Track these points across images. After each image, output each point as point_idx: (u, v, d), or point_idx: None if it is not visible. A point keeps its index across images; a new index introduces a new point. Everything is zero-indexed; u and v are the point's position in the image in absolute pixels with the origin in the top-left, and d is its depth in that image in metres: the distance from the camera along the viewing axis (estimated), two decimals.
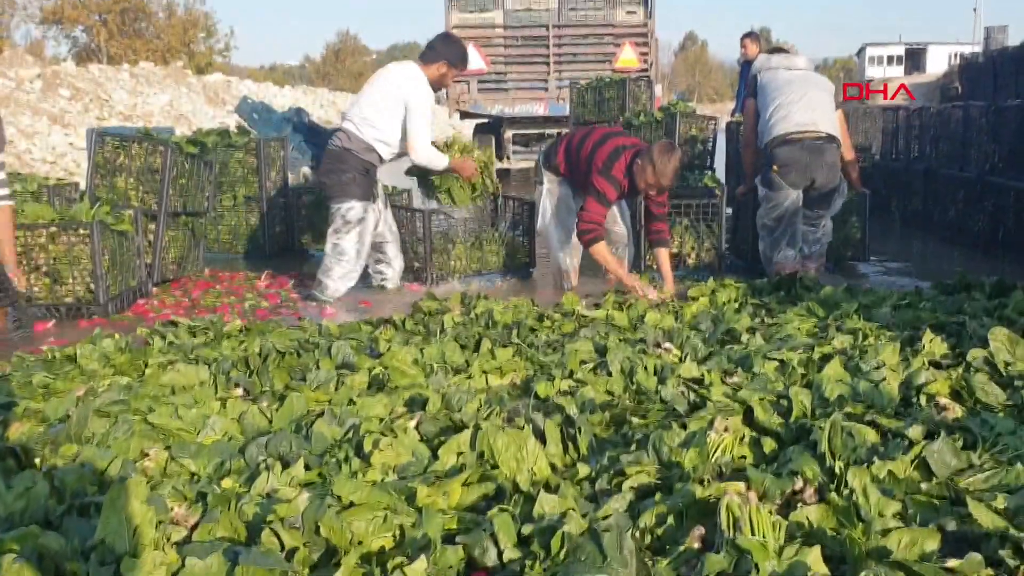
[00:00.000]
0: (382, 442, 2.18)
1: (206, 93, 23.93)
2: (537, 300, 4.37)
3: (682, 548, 1.61)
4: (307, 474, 2.08)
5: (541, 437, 2.22)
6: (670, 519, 1.72)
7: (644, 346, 3.26)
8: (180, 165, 5.46)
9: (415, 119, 4.79)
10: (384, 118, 4.80)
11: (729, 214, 5.72)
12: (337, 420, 2.44)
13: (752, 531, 1.57)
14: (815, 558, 1.52)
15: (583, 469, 2.07)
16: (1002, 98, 11.55)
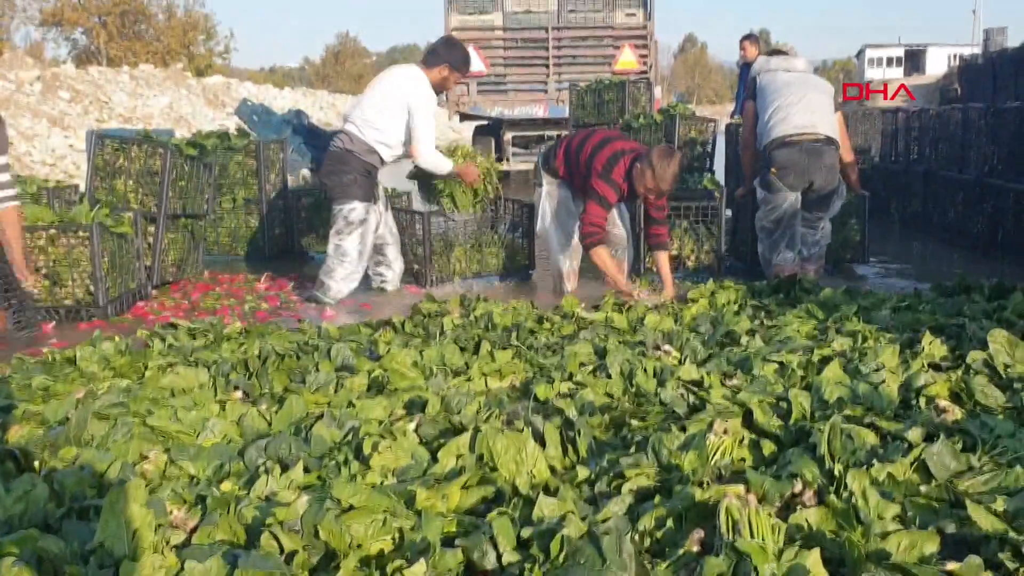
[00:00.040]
0: (381, 445, 2.18)
1: (206, 95, 23.98)
2: (537, 302, 4.37)
3: (681, 551, 1.61)
4: (306, 477, 2.07)
5: (540, 440, 2.22)
6: (669, 522, 1.72)
7: (643, 348, 3.26)
8: (180, 167, 5.47)
9: (419, 123, 4.80)
10: (386, 120, 4.81)
11: (728, 216, 5.71)
12: (336, 423, 2.44)
13: (751, 534, 1.57)
14: (814, 561, 1.51)
15: (582, 472, 2.07)
16: (1001, 99, 11.56)
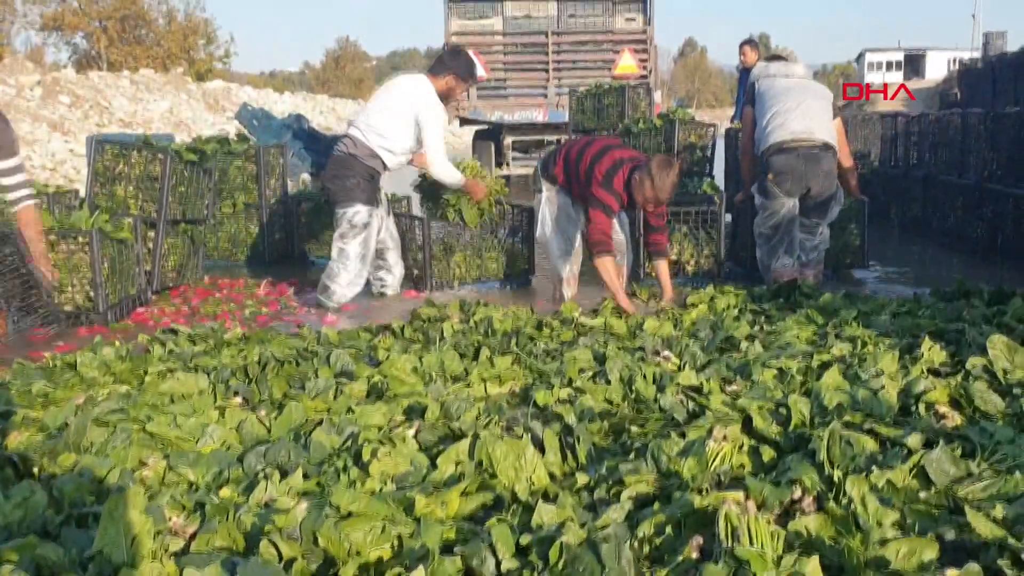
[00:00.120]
0: (380, 451, 2.18)
1: (206, 100, 24.02)
2: (536, 308, 4.37)
3: (680, 558, 1.60)
4: (305, 483, 2.07)
5: (540, 446, 2.22)
6: (668, 529, 1.72)
7: (643, 354, 3.26)
8: (179, 173, 5.47)
9: (430, 135, 4.86)
10: (391, 127, 4.84)
11: (728, 221, 5.72)
12: (336, 429, 2.44)
13: (750, 541, 1.56)
14: (813, 568, 1.51)
15: (582, 478, 2.07)
16: (1001, 103, 11.57)
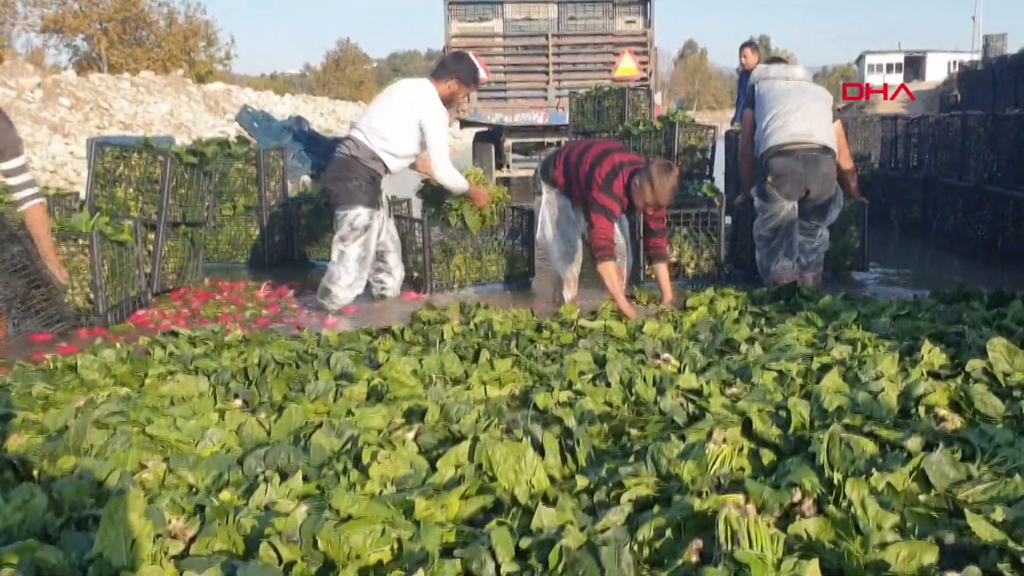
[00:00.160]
0: (380, 454, 2.18)
1: (206, 102, 24.03)
2: (536, 310, 4.36)
3: (680, 562, 1.60)
4: (305, 486, 2.07)
5: (540, 449, 2.22)
6: (668, 532, 1.72)
7: (643, 357, 3.26)
8: (180, 175, 5.48)
9: (434, 140, 4.89)
10: (393, 130, 4.86)
11: (728, 223, 5.71)
12: (335, 431, 2.43)
13: (750, 544, 1.56)
14: (813, 571, 1.51)
15: (581, 481, 2.07)
16: (1001, 105, 11.57)
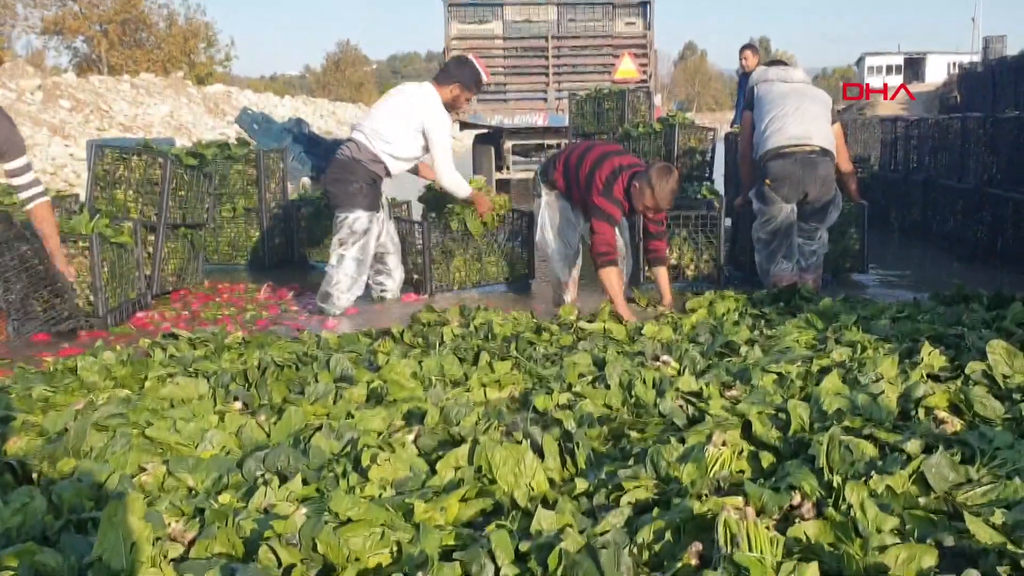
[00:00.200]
0: (380, 457, 2.18)
1: (206, 103, 24.03)
2: (536, 312, 4.36)
3: (679, 564, 1.60)
4: (305, 489, 2.07)
5: (539, 451, 2.21)
6: (668, 535, 1.72)
7: (642, 359, 3.26)
8: (179, 177, 5.48)
9: (437, 145, 4.91)
10: (395, 133, 4.87)
11: (728, 225, 5.71)
12: (335, 434, 2.43)
13: (750, 547, 1.56)
14: (812, 574, 1.51)
15: (581, 484, 2.06)
16: (1001, 107, 11.57)
